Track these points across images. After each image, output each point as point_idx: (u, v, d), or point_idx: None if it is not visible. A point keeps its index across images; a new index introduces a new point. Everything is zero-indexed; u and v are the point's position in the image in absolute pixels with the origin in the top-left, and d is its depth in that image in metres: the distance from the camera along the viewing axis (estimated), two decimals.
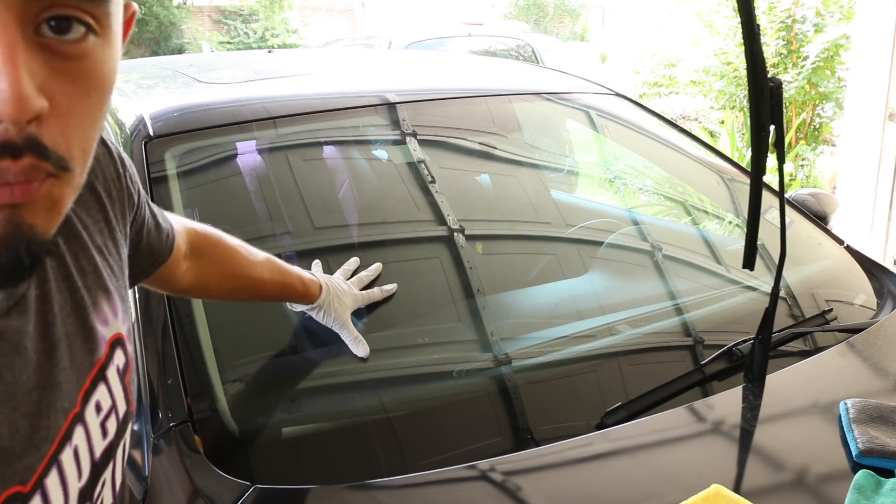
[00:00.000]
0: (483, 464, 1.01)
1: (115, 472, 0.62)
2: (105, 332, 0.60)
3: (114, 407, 0.60)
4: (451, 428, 1.14)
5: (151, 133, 1.33)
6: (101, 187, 0.67)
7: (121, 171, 0.70)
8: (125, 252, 0.69)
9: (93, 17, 0.46)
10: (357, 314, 1.28)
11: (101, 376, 0.59)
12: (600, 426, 1.09)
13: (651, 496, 0.98)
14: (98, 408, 0.58)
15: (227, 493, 0.92)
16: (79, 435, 0.55)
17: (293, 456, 1.06)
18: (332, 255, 1.43)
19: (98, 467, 0.58)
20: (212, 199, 1.40)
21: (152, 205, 0.82)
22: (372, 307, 1.29)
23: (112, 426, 0.60)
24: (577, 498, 0.98)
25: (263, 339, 1.25)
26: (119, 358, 0.62)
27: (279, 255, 1.38)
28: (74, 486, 0.54)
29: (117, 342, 0.62)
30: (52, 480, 0.52)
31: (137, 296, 1.13)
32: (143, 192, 0.76)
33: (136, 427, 1.03)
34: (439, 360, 1.28)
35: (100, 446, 0.58)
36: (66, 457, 0.53)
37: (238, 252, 1.04)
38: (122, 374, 0.62)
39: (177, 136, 1.36)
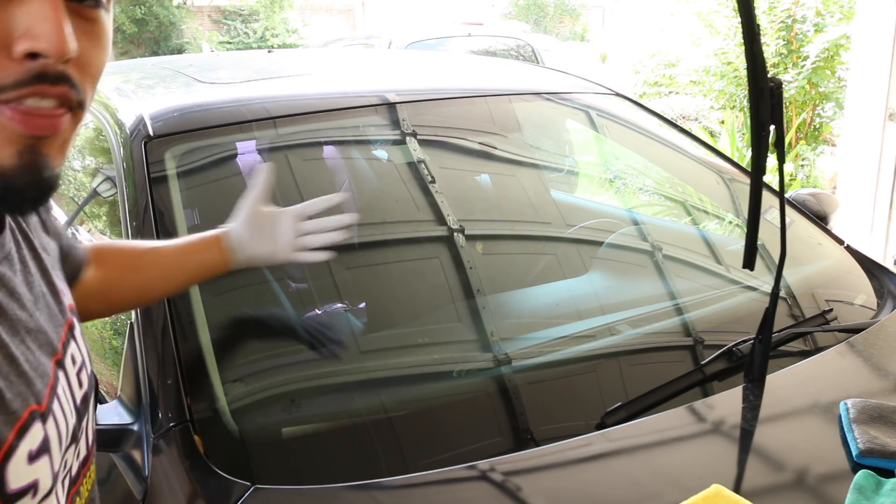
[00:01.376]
0: (483, 464, 1.01)
1: (89, 424, 0.69)
2: (66, 300, 0.68)
3: (83, 362, 0.68)
4: (451, 428, 1.14)
5: (151, 133, 1.33)
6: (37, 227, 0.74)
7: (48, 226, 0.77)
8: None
9: None
10: (356, 314, 1.28)
11: (71, 333, 0.66)
12: (600, 426, 1.09)
13: (651, 496, 0.98)
14: (73, 359, 0.65)
15: (227, 493, 0.92)
16: (62, 379, 0.62)
17: (293, 456, 1.06)
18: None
19: (80, 412, 0.65)
20: (212, 199, 1.40)
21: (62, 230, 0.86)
22: (372, 306, 1.28)
23: (84, 378, 0.67)
24: (577, 498, 0.98)
25: (263, 339, 1.25)
26: (76, 322, 0.69)
27: None
28: (70, 420, 0.62)
29: (72, 310, 0.69)
30: (56, 407, 0.59)
31: None
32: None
33: (136, 427, 1.03)
34: (439, 360, 1.28)
35: (78, 393, 0.65)
36: (61, 392, 0.61)
37: (136, 243, 1.07)
38: (82, 335, 0.70)
39: (177, 136, 1.36)
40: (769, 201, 1.38)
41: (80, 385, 0.66)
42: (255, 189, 1.09)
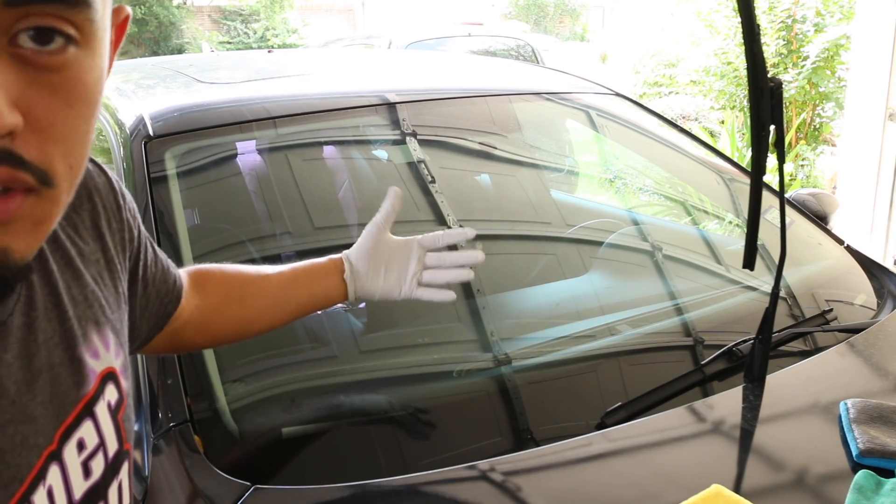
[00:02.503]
0: (483, 464, 1.01)
1: None
2: (95, 366, 0.57)
3: (101, 445, 0.56)
4: (451, 428, 1.14)
5: (151, 133, 1.33)
6: (102, 216, 0.63)
7: (121, 202, 0.67)
8: (123, 286, 0.65)
9: (73, 26, 0.43)
10: (356, 313, 1.28)
11: (88, 412, 0.55)
12: (600, 426, 1.09)
13: (651, 496, 0.98)
14: (81, 446, 0.54)
15: (227, 493, 0.92)
16: (53, 474, 0.51)
17: (293, 456, 1.06)
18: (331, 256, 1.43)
19: None
20: (212, 199, 1.40)
21: (159, 250, 0.77)
22: (372, 306, 1.28)
23: (98, 466, 0.56)
24: (577, 498, 0.98)
25: (263, 339, 1.25)
26: (111, 394, 0.58)
27: (279, 256, 1.39)
28: None
29: (109, 376, 0.58)
30: None
31: None
32: (144, 230, 0.72)
33: (136, 427, 1.03)
34: (439, 360, 1.28)
35: (80, 487, 0.54)
36: (39, 497, 0.50)
37: (241, 269, 0.94)
38: (115, 411, 0.58)
39: (177, 136, 1.36)
40: (769, 201, 1.38)
41: (88, 475, 0.55)
42: (379, 214, 0.97)
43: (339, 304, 0.97)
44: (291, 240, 1.41)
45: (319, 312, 1.31)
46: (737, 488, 0.94)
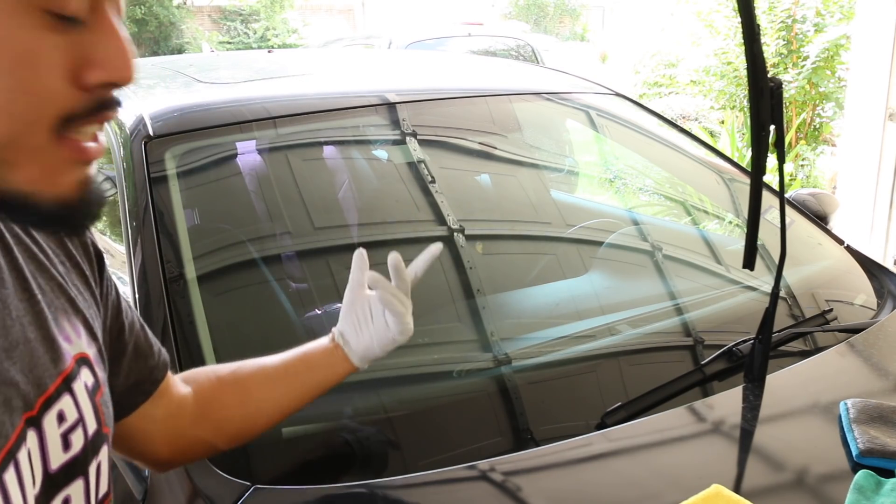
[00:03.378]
0: (483, 464, 1.01)
1: (90, 493, 0.60)
2: (69, 348, 0.59)
3: (81, 421, 0.58)
4: (451, 428, 1.14)
5: (151, 133, 1.33)
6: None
7: (89, 239, 0.69)
8: (96, 291, 0.67)
9: None
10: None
11: (66, 387, 0.57)
12: (600, 426, 1.09)
13: (651, 496, 0.98)
14: (61, 417, 0.56)
15: (227, 493, 0.92)
16: (31, 439, 0.54)
17: (293, 456, 1.06)
18: (332, 256, 1.43)
19: (54, 479, 0.56)
20: (211, 200, 1.40)
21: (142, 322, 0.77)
22: None
23: (77, 440, 0.58)
24: (577, 498, 0.98)
25: (263, 339, 1.25)
26: (87, 376, 0.60)
27: (279, 256, 1.39)
28: (30, 492, 0.53)
29: (83, 360, 0.61)
30: (9, 476, 0.51)
31: (137, 295, 1.13)
32: (120, 292, 0.73)
33: None
34: (439, 360, 1.28)
35: (59, 458, 0.56)
36: (23, 457, 0.52)
37: (232, 363, 0.90)
38: (93, 393, 0.61)
39: (177, 136, 1.36)
40: (769, 201, 1.38)
41: (67, 447, 0.57)
42: (351, 279, 0.93)
43: (339, 305, 0.96)
44: (291, 240, 1.41)
45: (318, 311, 1.31)
46: (737, 488, 0.94)
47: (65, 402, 0.57)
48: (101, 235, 1.50)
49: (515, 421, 1.18)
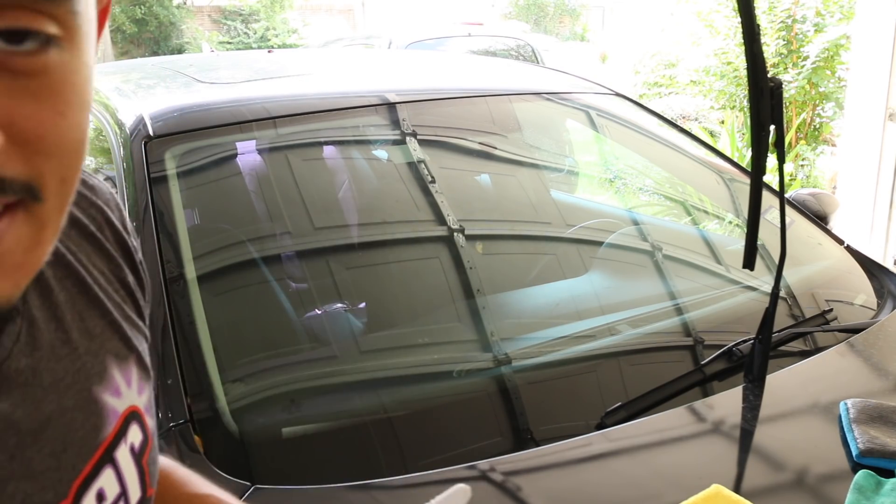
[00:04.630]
0: (483, 464, 1.01)
1: None
2: (116, 405, 0.50)
3: (123, 495, 0.50)
4: (451, 428, 1.14)
5: (151, 133, 1.33)
6: (114, 237, 0.57)
7: (137, 258, 0.59)
8: (147, 313, 0.60)
9: (54, 22, 0.37)
10: (357, 314, 1.28)
11: (108, 458, 0.49)
12: (600, 426, 1.09)
13: (651, 496, 0.98)
14: (100, 497, 0.48)
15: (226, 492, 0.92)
16: None
17: (293, 456, 1.05)
18: (332, 256, 1.43)
19: None
20: (211, 200, 1.40)
21: None
22: (372, 307, 1.28)
23: None
24: (577, 498, 0.98)
25: (263, 339, 1.25)
26: (134, 435, 0.52)
27: (279, 256, 1.39)
28: None
29: (132, 416, 0.52)
30: None
31: None
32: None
33: None
34: (439, 360, 1.28)
35: None
36: None
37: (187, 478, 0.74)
38: (139, 455, 0.52)
39: (177, 136, 1.36)
40: (769, 201, 1.38)
41: None
42: None
43: (339, 305, 0.96)
44: (291, 240, 1.41)
45: (318, 311, 1.31)
46: (737, 488, 0.94)
47: (105, 479, 0.48)
48: None
49: (515, 421, 1.18)
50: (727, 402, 1.16)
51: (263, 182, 1.46)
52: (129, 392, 0.52)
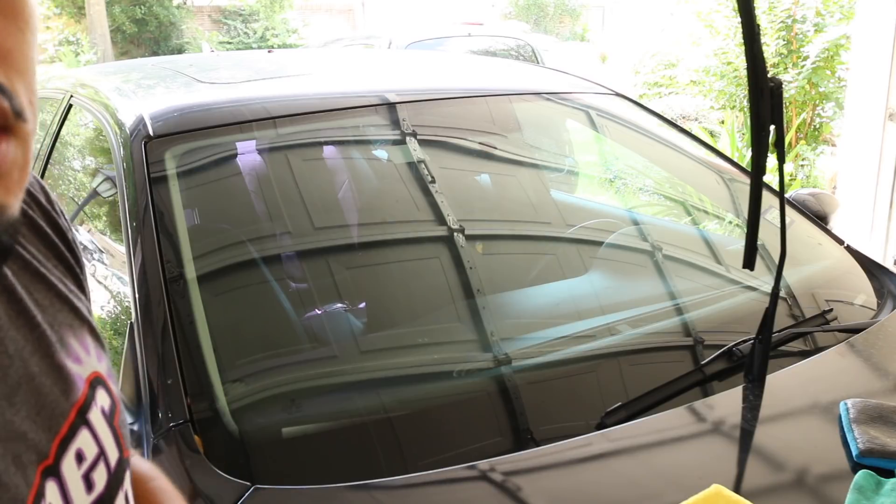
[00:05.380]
0: (483, 464, 1.01)
1: None
2: (79, 371, 0.51)
3: (102, 455, 0.51)
4: (451, 428, 1.14)
5: (151, 133, 1.33)
6: (43, 221, 0.57)
7: (70, 237, 0.59)
8: (87, 289, 0.60)
9: None
10: (356, 314, 1.28)
11: (83, 420, 0.50)
12: (600, 426, 1.09)
13: (651, 496, 0.98)
14: (80, 457, 0.49)
15: (227, 493, 0.92)
16: (52, 492, 0.46)
17: (293, 456, 1.06)
18: (332, 255, 1.43)
19: None
20: (211, 199, 1.40)
21: None
22: (372, 307, 1.28)
23: (100, 477, 0.51)
24: (577, 498, 0.98)
25: (263, 339, 1.25)
26: (103, 399, 0.53)
27: (279, 256, 1.39)
28: None
29: (97, 381, 0.53)
30: None
31: (137, 295, 1.13)
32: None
33: (136, 427, 1.03)
34: (439, 360, 1.28)
35: (83, 502, 0.49)
36: None
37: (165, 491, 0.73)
38: (110, 417, 0.53)
39: (177, 136, 1.36)
40: (769, 201, 1.38)
41: (91, 488, 0.50)
42: None
43: (339, 305, 0.96)
44: (291, 240, 1.41)
45: (318, 311, 1.31)
46: (737, 488, 0.94)
47: (82, 439, 0.50)
48: (101, 235, 1.50)
49: (515, 421, 1.18)
50: (727, 402, 1.16)
51: (263, 182, 1.46)
52: (88, 359, 0.53)
